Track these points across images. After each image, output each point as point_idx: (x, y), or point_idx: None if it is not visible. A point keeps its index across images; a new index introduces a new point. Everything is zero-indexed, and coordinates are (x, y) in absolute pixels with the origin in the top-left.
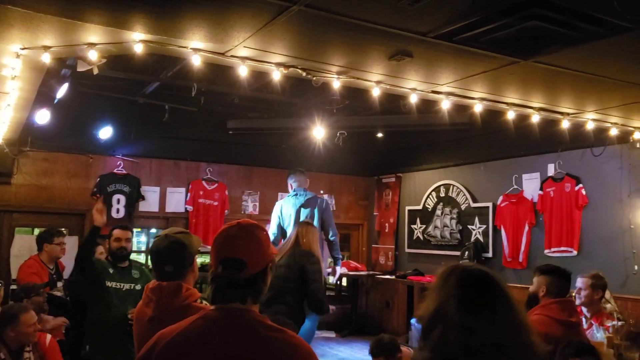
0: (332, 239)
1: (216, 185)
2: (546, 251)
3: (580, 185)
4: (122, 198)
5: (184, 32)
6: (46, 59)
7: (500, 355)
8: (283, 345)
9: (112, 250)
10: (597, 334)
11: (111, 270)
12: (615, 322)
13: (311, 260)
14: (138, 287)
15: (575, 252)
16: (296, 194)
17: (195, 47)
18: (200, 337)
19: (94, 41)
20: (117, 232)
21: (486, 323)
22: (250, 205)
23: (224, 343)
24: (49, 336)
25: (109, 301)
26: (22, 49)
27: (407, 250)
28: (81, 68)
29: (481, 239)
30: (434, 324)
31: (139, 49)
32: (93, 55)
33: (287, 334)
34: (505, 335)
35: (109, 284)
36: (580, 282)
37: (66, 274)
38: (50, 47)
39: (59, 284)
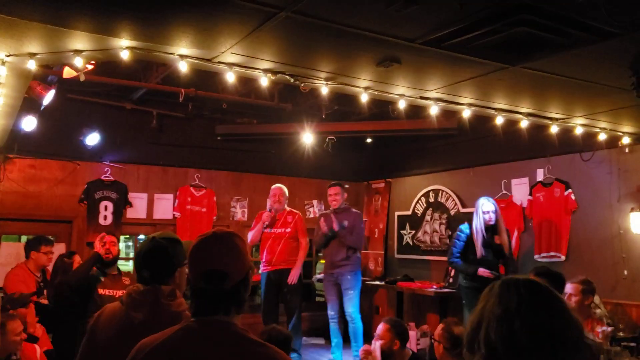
0: None
1: (204, 191)
2: (536, 256)
3: (570, 190)
4: (110, 205)
5: (171, 39)
6: (32, 66)
7: (544, 342)
8: (263, 359)
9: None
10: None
11: (102, 279)
12: (605, 328)
13: None
14: None
15: (563, 257)
16: None
17: (181, 54)
18: (181, 349)
19: (79, 48)
20: (103, 237)
21: (527, 310)
22: (239, 212)
23: (204, 355)
24: (38, 349)
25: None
26: (7, 56)
27: (396, 255)
28: (68, 75)
29: None
30: (477, 329)
31: (125, 55)
32: (79, 62)
33: (269, 348)
34: (549, 322)
35: (101, 291)
36: (570, 287)
37: None
38: (35, 54)
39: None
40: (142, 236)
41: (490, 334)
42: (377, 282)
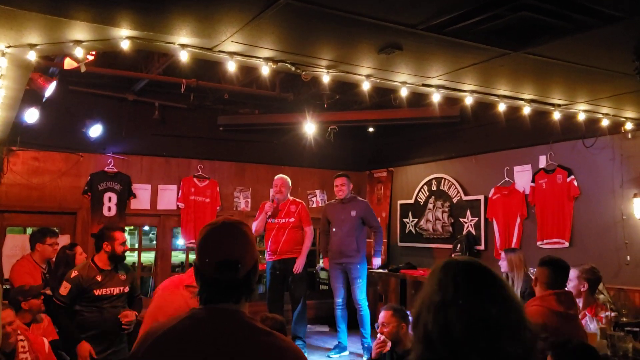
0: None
1: (207, 182)
2: (539, 243)
3: (572, 176)
4: (114, 196)
5: (171, 28)
6: (32, 57)
7: (495, 331)
8: (272, 348)
9: (117, 255)
10: (591, 325)
11: (99, 279)
12: (608, 313)
13: None
14: (127, 289)
15: (567, 244)
16: None
17: (182, 43)
18: (187, 338)
19: (79, 38)
20: (122, 236)
21: (463, 298)
22: (242, 202)
23: (212, 344)
24: (47, 342)
25: (101, 307)
26: (7, 47)
27: (399, 244)
28: (69, 66)
29: (473, 231)
30: (418, 318)
31: (125, 45)
32: (79, 53)
33: (276, 337)
34: (500, 313)
35: (98, 292)
36: (569, 272)
37: None
38: (35, 45)
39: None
40: (146, 227)
41: (428, 325)
42: (380, 270)
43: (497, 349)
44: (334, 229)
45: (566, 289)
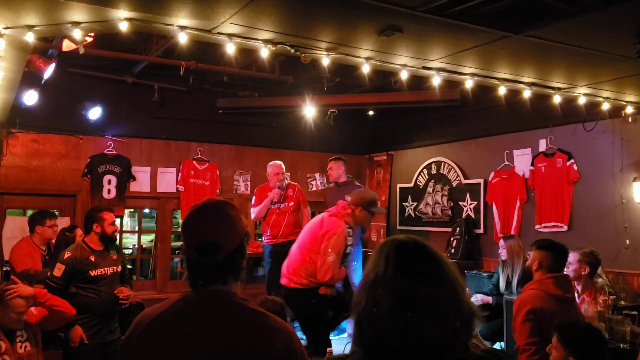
0: None
1: (207, 165)
2: (537, 227)
3: (572, 160)
4: (113, 179)
5: (169, 9)
6: (30, 38)
7: (404, 309)
8: (263, 328)
9: (107, 235)
10: (589, 309)
11: (93, 259)
12: (606, 297)
13: None
14: (119, 268)
15: (565, 228)
16: None
17: (181, 25)
18: (180, 320)
19: (78, 20)
20: (110, 216)
21: (391, 276)
22: (242, 185)
23: (204, 326)
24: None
25: (97, 288)
26: (5, 28)
27: (398, 227)
28: (67, 48)
29: (472, 215)
30: (366, 290)
31: (124, 27)
32: (78, 34)
33: (268, 317)
34: (412, 288)
35: (93, 272)
36: (570, 256)
37: None
38: (33, 27)
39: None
40: (146, 210)
41: (360, 304)
42: None
43: (420, 329)
44: None
45: (565, 272)
